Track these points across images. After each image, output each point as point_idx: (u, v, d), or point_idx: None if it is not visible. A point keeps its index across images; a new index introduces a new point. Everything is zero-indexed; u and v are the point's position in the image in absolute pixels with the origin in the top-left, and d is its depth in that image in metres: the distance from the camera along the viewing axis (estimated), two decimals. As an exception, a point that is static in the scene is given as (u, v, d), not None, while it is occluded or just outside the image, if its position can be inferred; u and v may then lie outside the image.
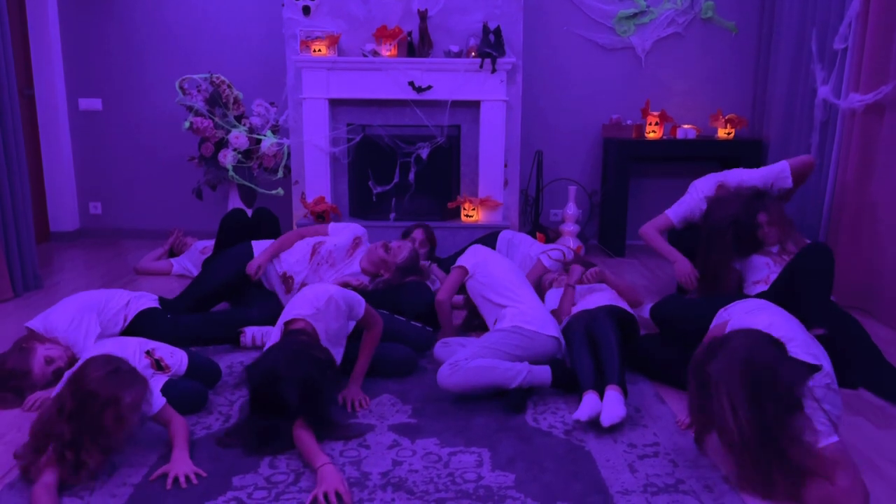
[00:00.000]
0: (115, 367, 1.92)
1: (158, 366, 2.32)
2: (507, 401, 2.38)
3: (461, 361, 2.37)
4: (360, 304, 2.43)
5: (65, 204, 5.17)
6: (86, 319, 2.59)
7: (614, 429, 2.22)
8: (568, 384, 2.46)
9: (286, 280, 3.28)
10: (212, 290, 3.24)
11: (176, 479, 1.91)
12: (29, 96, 4.88)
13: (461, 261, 2.93)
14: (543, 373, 2.43)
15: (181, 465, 1.95)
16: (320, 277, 3.26)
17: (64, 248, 4.91)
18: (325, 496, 1.80)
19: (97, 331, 2.59)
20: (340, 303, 2.34)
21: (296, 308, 2.32)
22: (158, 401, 2.06)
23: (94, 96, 5.12)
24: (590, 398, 2.27)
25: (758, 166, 3.46)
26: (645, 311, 3.12)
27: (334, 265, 3.30)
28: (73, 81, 5.09)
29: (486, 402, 2.43)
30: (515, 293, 2.73)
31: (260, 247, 3.34)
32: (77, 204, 5.25)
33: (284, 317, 2.32)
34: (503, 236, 3.79)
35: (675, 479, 1.95)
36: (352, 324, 2.51)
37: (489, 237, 3.83)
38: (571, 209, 4.77)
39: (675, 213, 3.41)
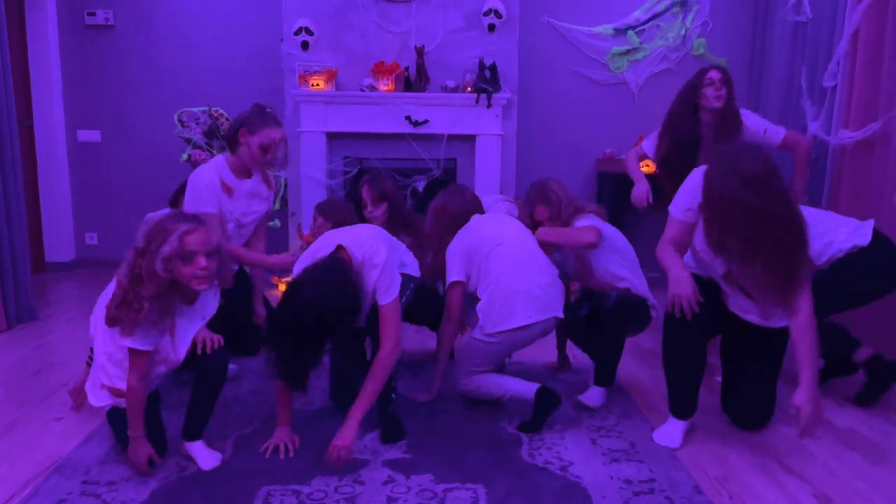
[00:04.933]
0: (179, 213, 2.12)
1: None
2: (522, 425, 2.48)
3: (461, 384, 2.61)
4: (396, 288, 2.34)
5: (61, 234, 5.18)
6: None
7: (598, 442, 2.23)
8: (546, 411, 2.46)
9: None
10: None
11: None
12: (28, 127, 4.92)
13: (454, 274, 2.66)
14: (527, 390, 2.48)
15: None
16: None
17: (59, 279, 4.91)
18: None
19: None
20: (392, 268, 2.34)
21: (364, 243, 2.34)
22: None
23: (92, 128, 5.17)
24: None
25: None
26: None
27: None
28: (73, 113, 5.13)
29: (481, 436, 2.43)
30: (489, 272, 2.59)
31: None
32: (73, 234, 5.25)
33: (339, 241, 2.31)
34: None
35: (670, 517, 1.94)
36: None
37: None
38: (566, 242, 4.79)
39: (648, 143, 3.52)
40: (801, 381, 2.14)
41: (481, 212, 2.89)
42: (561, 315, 2.59)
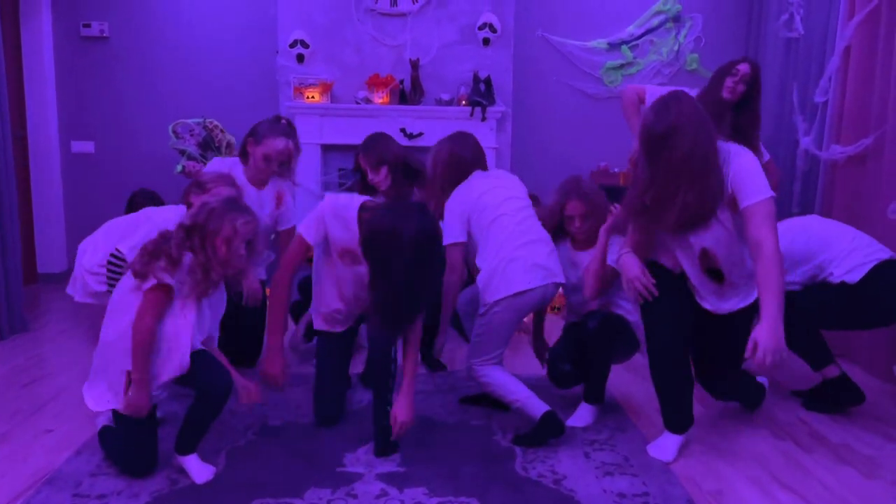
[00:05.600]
0: (235, 200, 2.25)
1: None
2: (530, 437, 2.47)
3: (476, 371, 2.54)
4: None
5: (53, 245, 5.16)
6: None
7: (598, 465, 2.22)
8: (546, 435, 2.45)
9: None
10: None
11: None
12: (22, 138, 4.91)
13: (453, 235, 2.65)
14: (536, 409, 2.45)
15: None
16: None
17: (51, 290, 4.87)
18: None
19: None
20: None
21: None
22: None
23: (87, 139, 5.16)
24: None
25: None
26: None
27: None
28: (67, 124, 5.12)
29: (475, 449, 2.42)
30: (488, 243, 2.59)
31: None
32: (66, 245, 5.23)
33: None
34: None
35: (665, 531, 1.93)
36: None
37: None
38: (560, 255, 4.81)
39: (653, 92, 3.48)
40: (763, 317, 2.07)
41: (484, 166, 2.83)
42: (562, 280, 2.59)
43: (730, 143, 2.23)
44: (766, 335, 2.04)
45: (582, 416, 2.68)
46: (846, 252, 2.74)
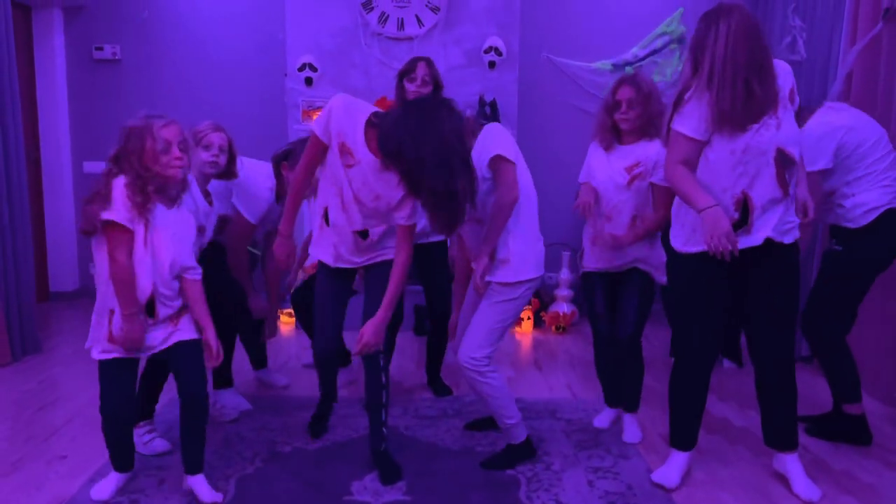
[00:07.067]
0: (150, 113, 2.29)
1: None
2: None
3: (483, 366, 2.43)
4: None
5: (65, 264, 5.23)
6: None
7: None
8: (517, 460, 2.57)
9: None
10: None
11: None
12: (35, 159, 4.99)
13: (504, 150, 2.41)
14: (522, 434, 2.57)
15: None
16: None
17: (63, 309, 4.94)
18: None
19: None
20: None
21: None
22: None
23: (98, 159, 5.22)
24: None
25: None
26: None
27: None
28: (79, 145, 5.20)
29: (479, 476, 2.46)
30: (520, 213, 2.49)
31: None
32: (77, 264, 5.30)
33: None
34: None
35: (666, 562, 1.96)
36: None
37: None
38: (565, 274, 4.85)
39: None
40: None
41: None
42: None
43: None
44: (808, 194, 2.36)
45: (603, 419, 2.91)
46: (879, 180, 2.73)
